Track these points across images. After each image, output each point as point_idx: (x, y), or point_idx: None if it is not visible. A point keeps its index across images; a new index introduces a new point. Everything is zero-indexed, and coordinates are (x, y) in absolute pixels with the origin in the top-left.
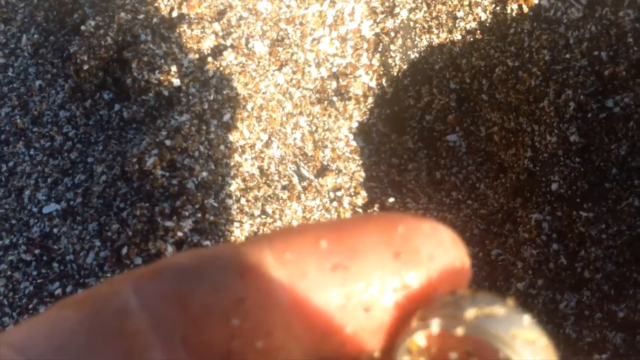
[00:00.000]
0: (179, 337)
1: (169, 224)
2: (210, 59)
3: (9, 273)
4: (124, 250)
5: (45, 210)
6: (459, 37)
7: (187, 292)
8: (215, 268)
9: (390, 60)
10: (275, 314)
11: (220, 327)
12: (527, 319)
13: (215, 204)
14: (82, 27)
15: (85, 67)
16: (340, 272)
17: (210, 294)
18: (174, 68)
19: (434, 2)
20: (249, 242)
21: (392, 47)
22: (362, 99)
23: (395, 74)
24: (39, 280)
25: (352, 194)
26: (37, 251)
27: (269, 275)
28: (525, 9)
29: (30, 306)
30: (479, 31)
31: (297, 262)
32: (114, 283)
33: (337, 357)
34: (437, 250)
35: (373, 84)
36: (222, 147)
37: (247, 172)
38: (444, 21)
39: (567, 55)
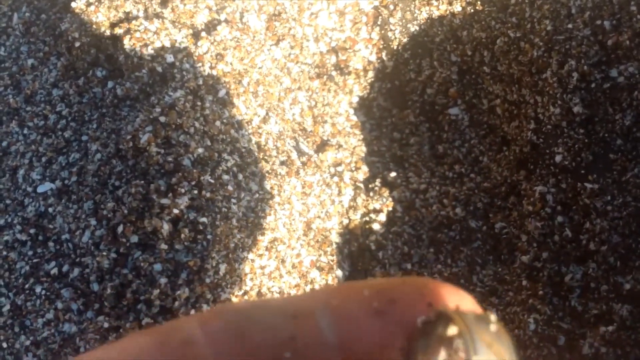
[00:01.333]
0: None
1: (164, 201)
2: (204, 34)
3: (4, 253)
4: (120, 229)
5: (40, 189)
6: (459, 8)
7: (246, 328)
8: (271, 310)
9: (390, 34)
10: (323, 351)
11: None
12: None
13: (212, 181)
14: (73, 4)
15: (77, 44)
16: (380, 316)
17: (266, 331)
18: (167, 44)
19: None
20: (299, 294)
21: (391, 20)
22: (362, 73)
23: (395, 47)
24: (34, 260)
25: (353, 168)
26: (32, 231)
27: (318, 317)
28: None
29: (27, 286)
30: (479, 2)
31: (343, 307)
32: (181, 320)
33: None
34: (462, 302)
35: (373, 58)
36: (217, 123)
37: (245, 147)
38: None
39: (570, 25)
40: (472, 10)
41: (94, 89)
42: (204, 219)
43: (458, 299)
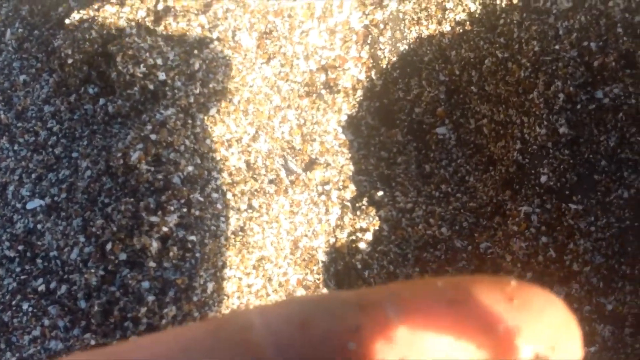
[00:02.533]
0: (297, 357)
1: (154, 219)
2: (196, 51)
3: None
4: (109, 246)
5: (29, 205)
6: (448, 28)
7: (309, 318)
8: (336, 301)
9: (379, 53)
10: (389, 342)
11: (337, 352)
12: None
13: (201, 199)
14: (67, 21)
15: (70, 61)
16: (455, 307)
17: (330, 321)
18: (159, 61)
19: None
20: (366, 288)
21: (381, 39)
22: (351, 91)
23: (384, 66)
24: (22, 277)
25: (341, 187)
26: (20, 247)
27: (385, 308)
28: (515, 0)
29: (14, 302)
30: (468, 22)
31: (413, 299)
32: (240, 310)
33: None
34: (549, 306)
35: (362, 76)
36: (208, 141)
37: (234, 166)
38: (433, 12)
39: (557, 46)
40: (461, 31)
41: (86, 105)
42: (192, 237)
43: (544, 304)
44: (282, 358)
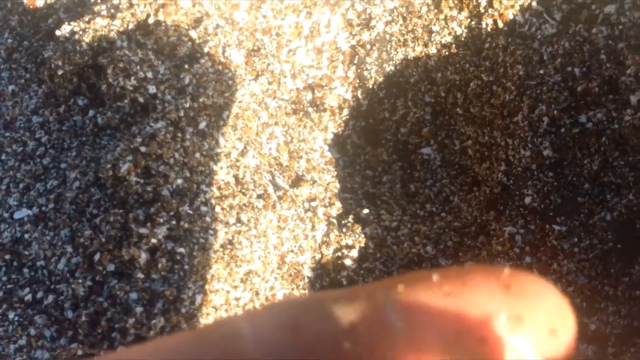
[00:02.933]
0: None
1: (143, 230)
2: (186, 66)
3: None
4: (97, 257)
5: (17, 215)
6: (435, 50)
7: (301, 321)
8: (328, 300)
9: (365, 73)
10: (388, 340)
11: (332, 353)
12: None
13: (190, 212)
14: (57, 32)
15: (60, 72)
16: (452, 299)
17: (322, 322)
18: (149, 75)
19: (410, 15)
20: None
21: (367, 59)
22: (337, 110)
23: (370, 86)
24: (8, 286)
25: (327, 204)
26: (7, 256)
27: (379, 304)
28: (500, 24)
29: (0, 312)
30: (454, 45)
31: (410, 292)
32: (227, 316)
33: None
34: (544, 292)
35: (348, 96)
36: (197, 155)
37: (223, 180)
38: (419, 35)
39: (541, 71)
40: (447, 53)
41: (75, 117)
42: (181, 249)
43: (539, 290)
44: None
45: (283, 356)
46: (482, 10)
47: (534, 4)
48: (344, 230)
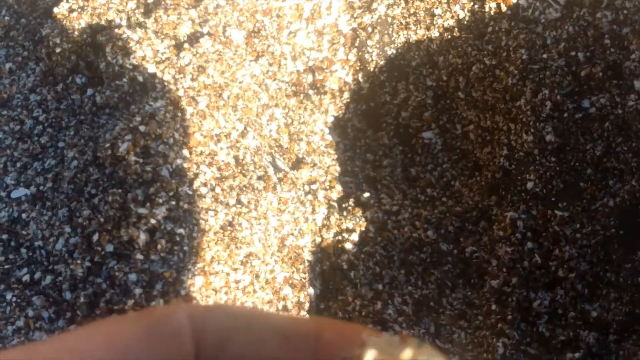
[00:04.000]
0: None
1: (142, 210)
2: (186, 45)
3: None
4: (95, 237)
5: (14, 194)
6: (437, 34)
7: (230, 335)
8: (266, 325)
9: (367, 56)
10: None
11: None
12: None
13: (190, 192)
14: (55, 10)
15: (58, 50)
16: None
17: (250, 346)
18: (149, 53)
19: None
20: (298, 317)
21: (369, 42)
22: (338, 93)
23: (371, 69)
24: (6, 266)
25: (327, 187)
26: (4, 236)
27: (309, 345)
28: (504, 8)
29: None
30: (456, 29)
31: (334, 344)
32: (171, 308)
33: None
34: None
35: (349, 79)
36: (197, 135)
37: (223, 161)
38: (421, 18)
39: (545, 55)
40: (449, 37)
41: (73, 95)
42: (181, 230)
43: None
44: None
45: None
46: None
47: None
48: (345, 213)
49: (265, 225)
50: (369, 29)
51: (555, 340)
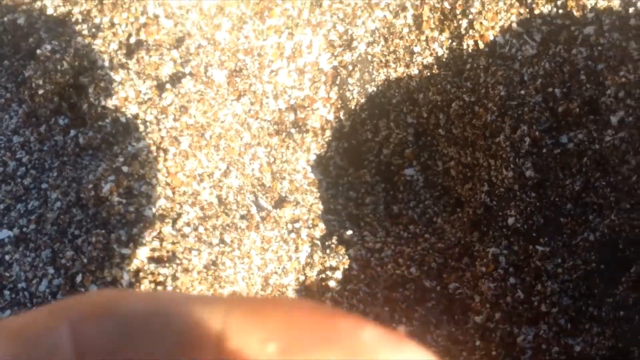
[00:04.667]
0: None
1: (125, 251)
2: (168, 85)
3: None
4: (79, 278)
5: None
6: (416, 71)
7: (120, 343)
8: (161, 325)
9: (348, 94)
10: None
11: None
12: None
13: (173, 232)
14: (38, 51)
15: (41, 91)
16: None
17: (141, 350)
18: (131, 94)
19: (391, 36)
20: (203, 301)
21: (349, 80)
22: (319, 131)
23: (353, 107)
24: None
25: (310, 225)
26: None
27: (215, 341)
28: (481, 45)
29: None
30: (435, 66)
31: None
32: (52, 318)
33: None
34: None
35: (331, 117)
36: (180, 175)
37: (206, 200)
38: (401, 56)
39: (522, 92)
40: (428, 74)
41: (56, 137)
42: (164, 270)
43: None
44: None
45: None
46: (463, 32)
47: (514, 25)
48: (328, 251)
49: (249, 264)
50: (350, 67)
51: None
